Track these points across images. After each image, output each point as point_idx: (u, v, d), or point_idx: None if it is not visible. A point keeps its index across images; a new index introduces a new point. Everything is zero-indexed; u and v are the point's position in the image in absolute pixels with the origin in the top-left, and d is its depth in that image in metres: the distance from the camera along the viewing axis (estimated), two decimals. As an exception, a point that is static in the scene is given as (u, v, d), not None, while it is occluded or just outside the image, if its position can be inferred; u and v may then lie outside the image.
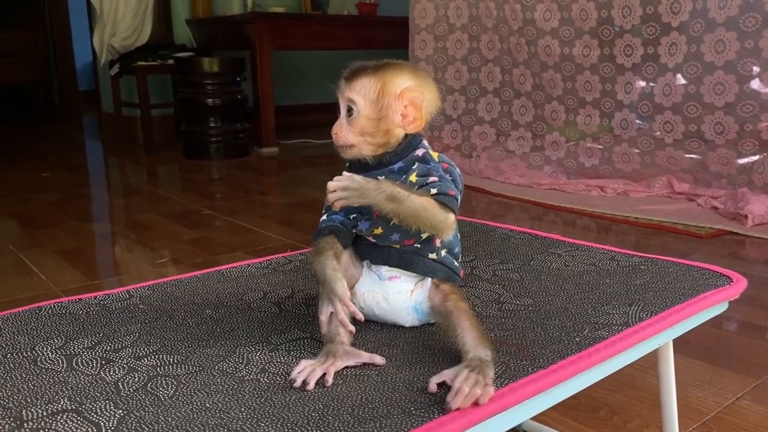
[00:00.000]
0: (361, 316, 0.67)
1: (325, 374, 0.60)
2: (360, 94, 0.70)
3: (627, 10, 2.64)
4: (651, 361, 0.85)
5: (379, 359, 0.63)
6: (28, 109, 6.43)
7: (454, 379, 0.56)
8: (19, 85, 6.22)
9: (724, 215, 2.25)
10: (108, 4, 4.14)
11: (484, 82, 3.22)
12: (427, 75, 0.74)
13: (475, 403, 0.54)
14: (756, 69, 2.34)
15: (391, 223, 0.69)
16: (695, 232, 2.09)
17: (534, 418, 1.03)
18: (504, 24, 3.05)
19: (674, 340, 0.82)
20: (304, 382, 0.59)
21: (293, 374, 0.60)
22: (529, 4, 2.93)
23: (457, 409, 0.53)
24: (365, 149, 0.71)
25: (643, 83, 2.66)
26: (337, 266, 0.69)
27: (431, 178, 0.69)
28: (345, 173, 0.67)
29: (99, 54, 4.29)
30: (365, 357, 0.64)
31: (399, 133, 0.71)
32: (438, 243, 0.72)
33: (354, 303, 0.69)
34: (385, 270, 0.72)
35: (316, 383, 0.59)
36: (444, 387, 0.57)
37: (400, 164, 0.71)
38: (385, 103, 0.70)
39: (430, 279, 0.72)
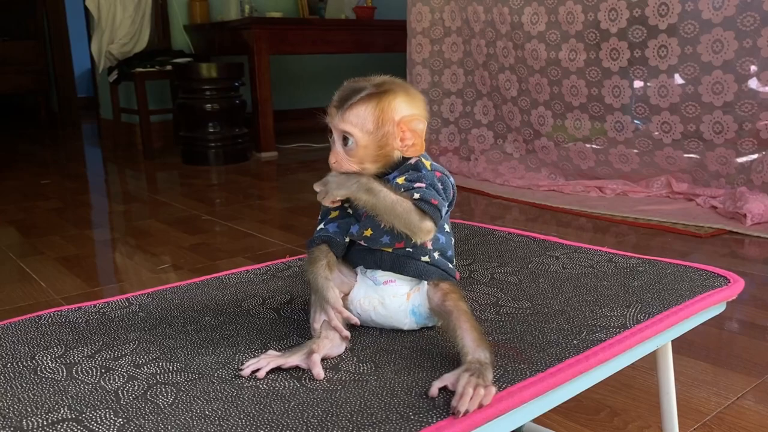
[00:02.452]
0: (356, 321, 0.68)
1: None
2: (356, 126, 0.68)
3: (614, 13, 2.64)
4: (652, 362, 0.85)
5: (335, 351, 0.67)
6: (27, 116, 6.44)
7: (456, 384, 0.57)
8: (18, 93, 6.22)
9: (723, 215, 2.25)
10: (106, 11, 4.14)
11: (479, 86, 3.23)
12: (418, 92, 0.72)
13: (479, 405, 0.54)
14: (754, 68, 2.35)
15: (382, 226, 0.69)
16: (694, 232, 2.09)
17: (534, 420, 1.03)
18: (491, 28, 3.05)
19: (675, 341, 0.82)
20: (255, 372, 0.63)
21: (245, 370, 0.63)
22: (516, 7, 2.93)
23: (466, 412, 0.53)
24: (367, 171, 0.70)
25: (638, 84, 2.65)
26: (329, 275, 0.70)
27: (417, 184, 0.69)
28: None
29: (97, 61, 4.30)
30: (337, 340, 0.66)
31: (398, 154, 0.71)
32: (429, 245, 0.72)
33: (350, 310, 0.70)
34: (380, 275, 0.72)
35: (314, 385, 0.60)
36: (443, 391, 0.57)
37: (395, 174, 0.71)
38: (384, 132, 0.68)
39: (426, 281, 0.72)
